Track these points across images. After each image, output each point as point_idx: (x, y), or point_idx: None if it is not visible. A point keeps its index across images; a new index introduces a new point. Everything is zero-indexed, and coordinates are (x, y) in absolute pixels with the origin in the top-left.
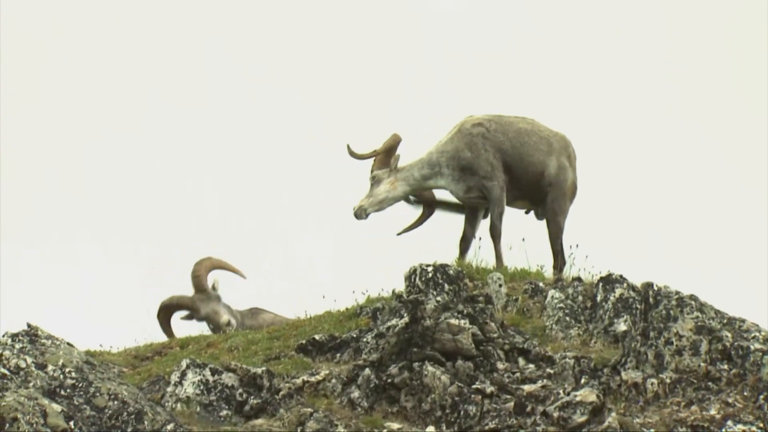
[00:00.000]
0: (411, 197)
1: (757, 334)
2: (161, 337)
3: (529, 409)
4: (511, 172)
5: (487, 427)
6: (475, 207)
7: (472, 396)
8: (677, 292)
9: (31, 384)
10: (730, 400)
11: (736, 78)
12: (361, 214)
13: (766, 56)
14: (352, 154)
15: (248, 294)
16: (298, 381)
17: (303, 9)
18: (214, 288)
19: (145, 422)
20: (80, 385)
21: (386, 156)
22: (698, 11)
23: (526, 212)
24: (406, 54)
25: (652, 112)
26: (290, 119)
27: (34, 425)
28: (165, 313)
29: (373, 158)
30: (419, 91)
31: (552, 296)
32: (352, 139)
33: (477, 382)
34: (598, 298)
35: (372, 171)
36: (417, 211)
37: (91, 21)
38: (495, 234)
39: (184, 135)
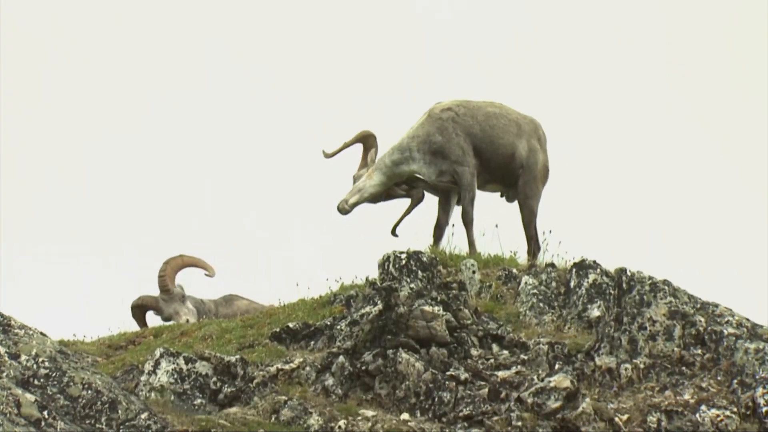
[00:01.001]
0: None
1: (731, 318)
2: (135, 326)
3: (503, 395)
4: (481, 156)
5: (461, 414)
6: (447, 192)
7: (447, 383)
8: (650, 278)
9: (4, 374)
10: (703, 385)
11: (736, 78)
12: (343, 206)
13: (766, 56)
14: (326, 155)
15: (233, 280)
16: (272, 369)
17: (303, 9)
18: (181, 287)
19: (119, 411)
20: (54, 374)
21: (364, 159)
22: (698, 11)
23: (501, 195)
24: (406, 54)
25: (652, 112)
26: (290, 119)
27: (8, 415)
28: (136, 312)
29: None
30: (419, 91)
31: (525, 282)
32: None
33: (451, 369)
34: (572, 284)
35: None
36: (404, 205)
37: (91, 21)
38: (467, 220)
39: (183, 135)
